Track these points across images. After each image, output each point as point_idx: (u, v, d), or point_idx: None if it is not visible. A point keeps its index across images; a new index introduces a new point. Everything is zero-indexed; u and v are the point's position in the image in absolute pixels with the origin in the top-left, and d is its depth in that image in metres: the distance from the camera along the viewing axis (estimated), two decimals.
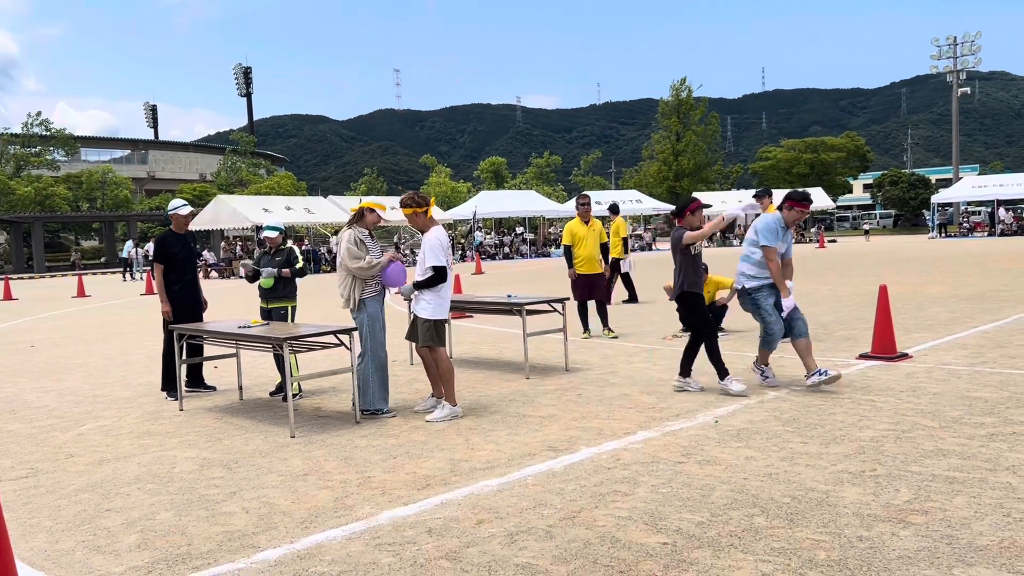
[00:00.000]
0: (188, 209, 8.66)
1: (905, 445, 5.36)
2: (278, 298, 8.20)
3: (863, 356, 8.62)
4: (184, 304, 8.41)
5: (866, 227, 56.39)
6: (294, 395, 8.06)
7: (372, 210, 7.04)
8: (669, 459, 5.29)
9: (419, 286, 6.73)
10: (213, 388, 8.65)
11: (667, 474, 4.98)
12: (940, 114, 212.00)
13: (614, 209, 15.81)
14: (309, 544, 4.13)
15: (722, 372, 7.17)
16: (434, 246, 6.71)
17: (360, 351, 6.93)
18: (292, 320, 8.28)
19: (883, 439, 5.52)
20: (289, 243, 8.37)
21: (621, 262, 15.19)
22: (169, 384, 8.27)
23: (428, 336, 6.80)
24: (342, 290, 6.93)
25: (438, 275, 6.68)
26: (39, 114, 65.03)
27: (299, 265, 8.20)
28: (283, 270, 8.12)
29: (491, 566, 3.75)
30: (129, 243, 41.51)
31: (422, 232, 6.87)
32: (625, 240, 15.18)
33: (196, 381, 8.62)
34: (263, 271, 8.10)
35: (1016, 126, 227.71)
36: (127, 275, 39.12)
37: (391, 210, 14.07)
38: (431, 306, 6.77)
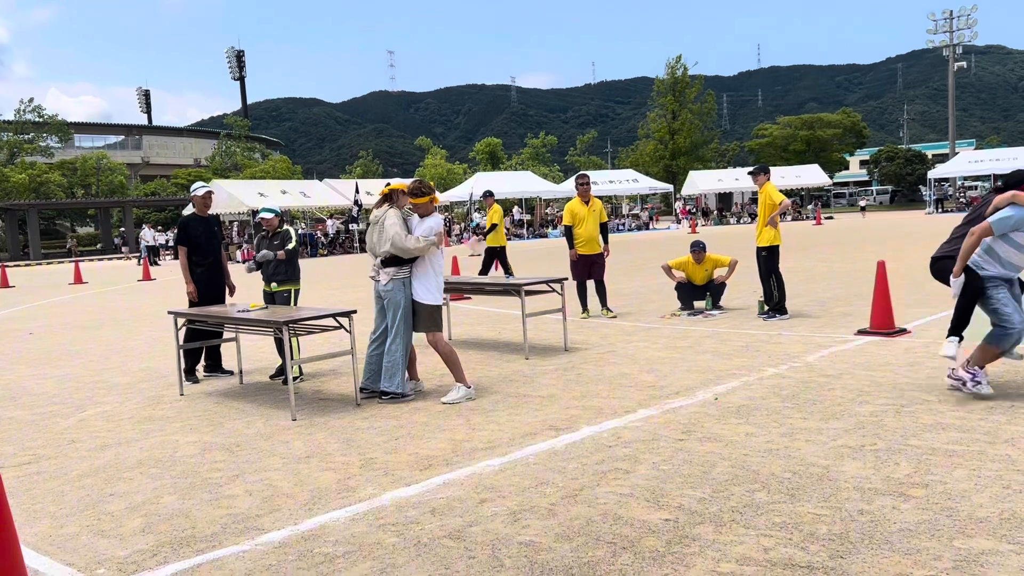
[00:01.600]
0: (204, 190, 8.65)
1: (904, 419, 5.38)
2: (281, 281, 8.19)
3: (862, 332, 8.64)
4: (205, 287, 8.43)
5: (862, 203, 56.39)
6: (295, 378, 8.09)
7: (404, 192, 6.99)
8: (669, 436, 5.31)
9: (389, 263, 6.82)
10: (231, 372, 8.63)
11: (668, 451, 5.00)
12: (936, 89, 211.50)
13: (488, 194, 15.49)
14: (313, 526, 4.15)
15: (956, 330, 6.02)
16: (430, 227, 6.81)
17: (379, 331, 6.96)
18: (295, 303, 8.29)
19: (882, 414, 5.54)
20: (286, 226, 8.35)
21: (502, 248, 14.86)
22: (189, 367, 8.35)
23: (430, 322, 6.84)
24: (378, 272, 6.87)
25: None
26: (31, 100, 64.73)
27: (291, 245, 8.19)
28: (279, 253, 8.12)
29: (494, 544, 3.77)
30: (147, 230, 41.35)
31: (422, 216, 6.90)
32: (494, 226, 14.73)
33: (215, 366, 8.61)
34: (260, 255, 8.12)
35: (1013, 100, 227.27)
36: (151, 262, 38.51)
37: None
38: (429, 292, 6.81)
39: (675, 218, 53.87)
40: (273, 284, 8.20)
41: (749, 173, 10.59)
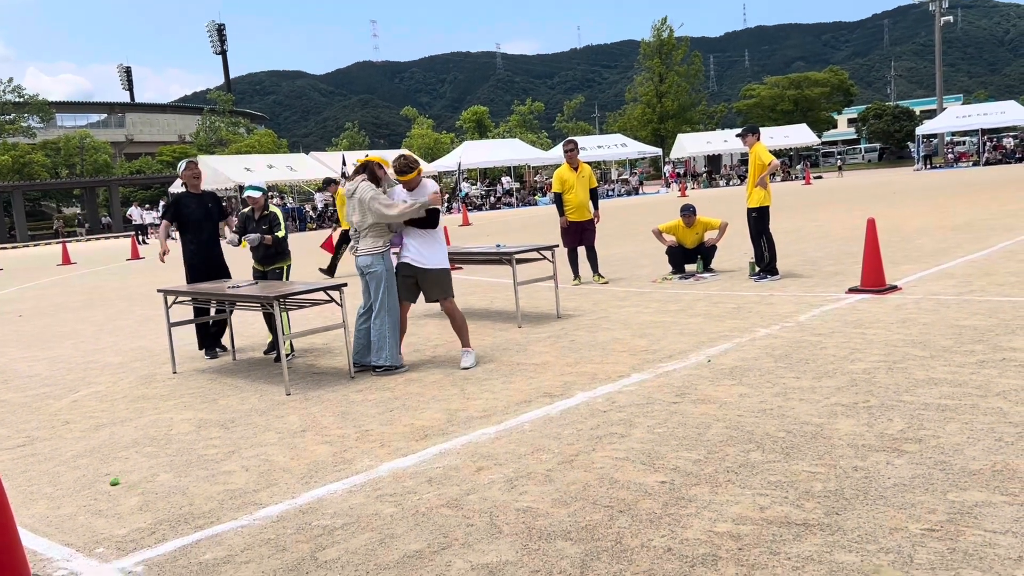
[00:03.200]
0: (184, 163, 8.51)
1: (897, 375, 5.41)
2: (272, 259, 8.14)
3: (853, 290, 8.66)
4: (200, 263, 8.35)
5: (839, 164, 56.16)
6: (287, 355, 8.08)
7: (381, 167, 6.91)
8: (663, 400, 5.33)
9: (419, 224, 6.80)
10: (225, 349, 8.59)
11: (662, 414, 5.01)
12: (923, 45, 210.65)
13: (330, 182, 14.75)
14: (311, 499, 4.16)
15: None
16: (426, 192, 6.81)
17: (366, 307, 6.93)
18: (287, 278, 8.25)
19: (875, 371, 5.57)
20: (272, 207, 8.23)
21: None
22: (206, 343, 8.33)
23: (449, 288, 6.91)
24: (359, 242, 6.82)
25: (432, 218, 6.79)
26: (11, 80, 63.91)
27: (280, 233, 8.12)
28: (266, 237, 8.04)
29: (492, 512, 3.78)
30: (135, 208, 41.07)
31: (411, 189, 6.85)
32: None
33: (215, 341, 8.54)
34: (245, 237, 8.05)
35: (999, 53, 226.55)
36: (140, 239, 38.24)
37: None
38: (440, 256, 6.88)
39: (664, 182, 53.74)
40: (265, 264, 8.15)
41: (738, 135, 10.54)
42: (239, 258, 11.74)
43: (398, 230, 6.87)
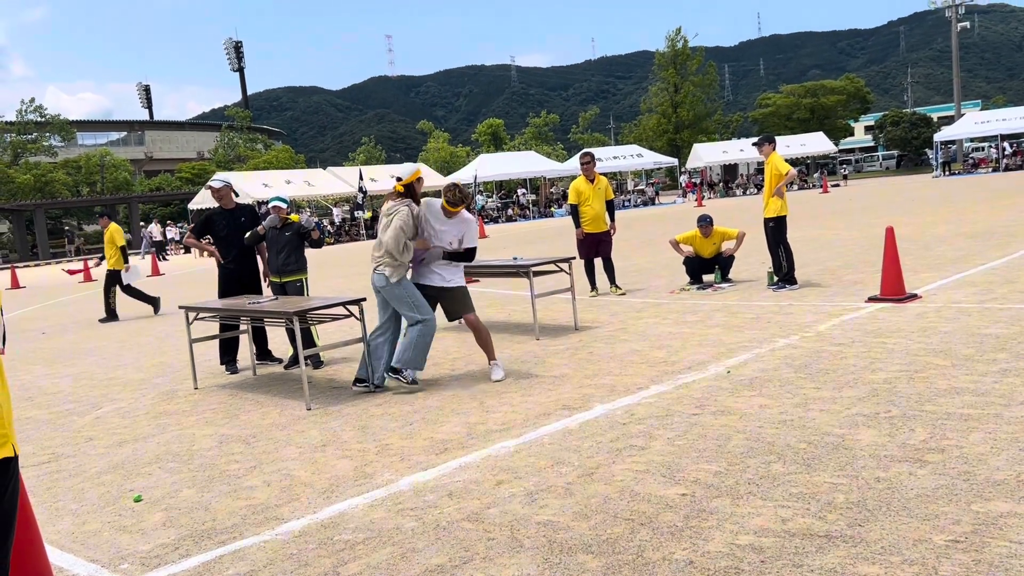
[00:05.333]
0: (220, 183, 8.64)
1: (918, 385, 5.37)
2: (291, 271, 8.21)
3: (872, 299, 8.61)
4: (239, 277, 8.45)
5: (844, 172, 55.76)
6: (319, 364, 8.16)
7: (420, 180, 6.91)
8: (683, 411, 5.32)
9: (452, 257, 6.86)
10: (280, 360, 8.63)
11: (682, 426, 5.00)
12: (940, 51, 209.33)
13: (108, 215, 14.59)
14: (332, 513, 4.18)
15: None
16: (475, 230, 6.91)
17: (380, 323, 6.87)
18: (307, 291, 8.33)
19: (896, 380, 5.53)
20: (295, 216, 8.36)
21: (121, 273, 14.10)
22: (225, 356, 8.39)
23: (468, 302, 6.95)
24: (383, 261, 6.73)
25: (469, 254, 6.90)
26: (32, 100, 64.71)
27: (317, 236, 8.30)
28: (314, 231, 8.19)
29: (513, 525, 3.79)
30: (153, 226, 41.43)
31: (451, 214, 6.90)
32: (123, 248, 14.03)
33: (264, 354, 8.62)
34: (304, 218, 8.16)
35: (1017, 59, 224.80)
36: (161, 257, 38.53)
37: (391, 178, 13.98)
38: (460, 274, 6.96)
39: (680, 192, 53.61)
40: (284, 275, 8.22)
41: (754, 144, 10.52)
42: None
43: (423, 255, 6.88)
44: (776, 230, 9.81)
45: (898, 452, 4.20)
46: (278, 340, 9.92)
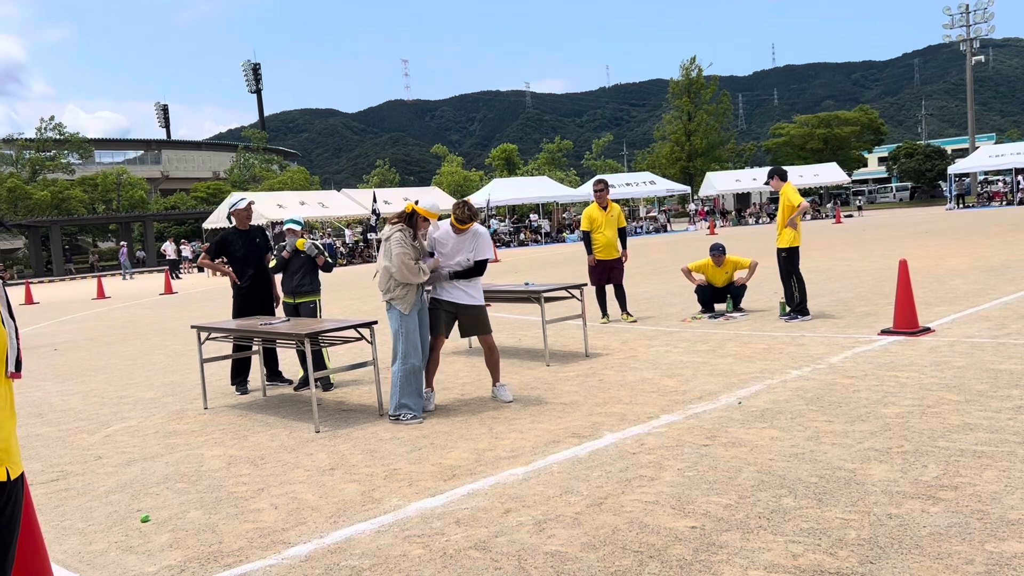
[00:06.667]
0: (245, 203, 8.72)
1: (931, 420, 5.32)
2: (304, 293, 8.24)
3: (885, 331, 8.56)
4: (253, 298, 8.48)
5: (858, 203, 55.79)
6: (330, 386, 8.17)
7: (426, 220, 6.75)
8: (694, 442, 5.28)
9: (463, 273, 6.85)
10: (289, 381, 8.63)
11: (692, 457, 4.97)
12: (954, 84, 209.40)
13: None
14: (339, 538, 4.16)
15: None
16: (489, 243, 6.94)
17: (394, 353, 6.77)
18: (320, 313, 8.35)
19: (909, 415, 5.49)
20: (303, 240, 8.38)
21: None
22: (237, 377, 8.41)
23: (487, 322, 6.99)
24: (383, 286, 6.70)
25: (480, 268, 6.91)
26: (52, 118, 65.48)
27: (322, 263, 8.30)
28: (317, 258, 8.21)
29: (520, 555, 3.76)
30: (168, 244, 41.67)
31: (461, 232, 6.91)
32: None
33: (274, 375, 8.63)
34: (307, 240, 8.16)
35: None
36: (175, 275, 38.63)
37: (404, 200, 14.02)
38: (480, 293, 7.00)
39: (689, 220, 53.60)
40: (298, 296, 8.25)
41: (766, 183, 10.56)
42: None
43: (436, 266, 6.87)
44: (788, 260, 9.80)
45: (911, 488, 4.16)
46: (287, 361, 9.94)
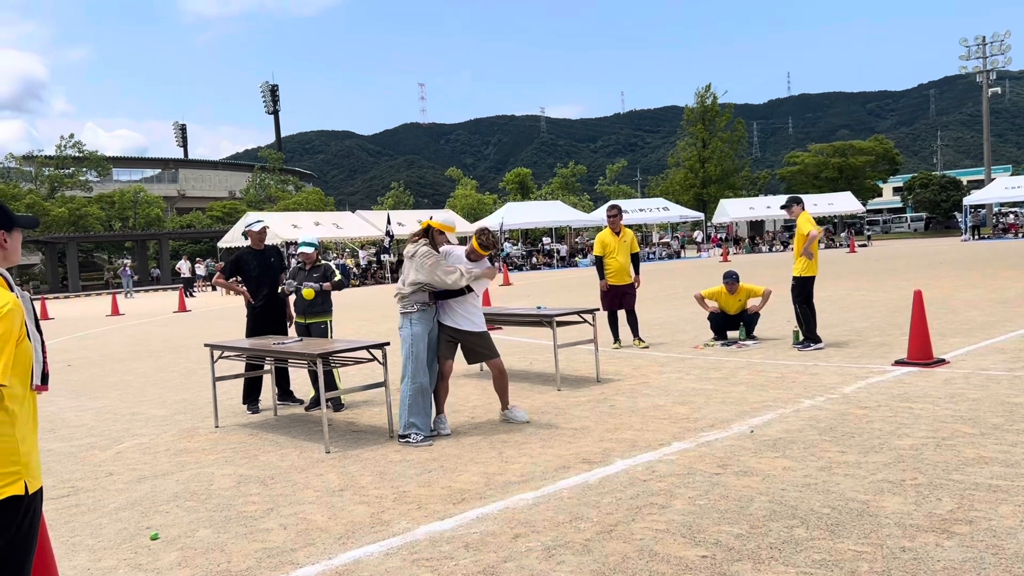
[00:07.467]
0: (260, 225, 8.79)
1: (946, 453, 5.27)
2: (316, 313, 8.27)
3: (899, 362, 8.51)
4: (267, 317, 8.52)
5: (868, 233, 55.71)
6: (341, 407, 8.18)
7: (442, 232, 6.85)
8: (705, 470, 5.25)
9: (443, 294, 6.80)
10: (301, 401, 8.64)
11: (704, 486, 4.94)
12: (970, 115, 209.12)
13: None
14: (347, 560, 4.15)
15: None
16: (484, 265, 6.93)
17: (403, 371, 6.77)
18: (331, 334, 8.36)
19: (923, 447, 5.44)
20: (322, 260, 8.45)
21: None
22: (249, 396, 8.41)
23: (491, 347, 6.97)
24: (405, 302, 6.73)
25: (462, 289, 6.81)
26: (72, 136, 66.25)
27: (337, 278, 8.31)
28: (324, 284, 8.21)
29: None
30: (183, 262, 41.91)
31: (473, 259, 6.97)
32: None
33: (285, 394, 8.64)
34: (304, 285, 8.18)
35: None
36: (189, 293, 38.75)
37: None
38: (481, 319, 6.96)
39: (697, 248, 53.50)
40: (309, 316, 8.28)
41: (782, 207, 10.56)
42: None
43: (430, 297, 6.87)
44: (800, 289, 9.79)
45: (924, 522, 4.12)
46: (298, 382, 9.95)
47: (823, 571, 3.61)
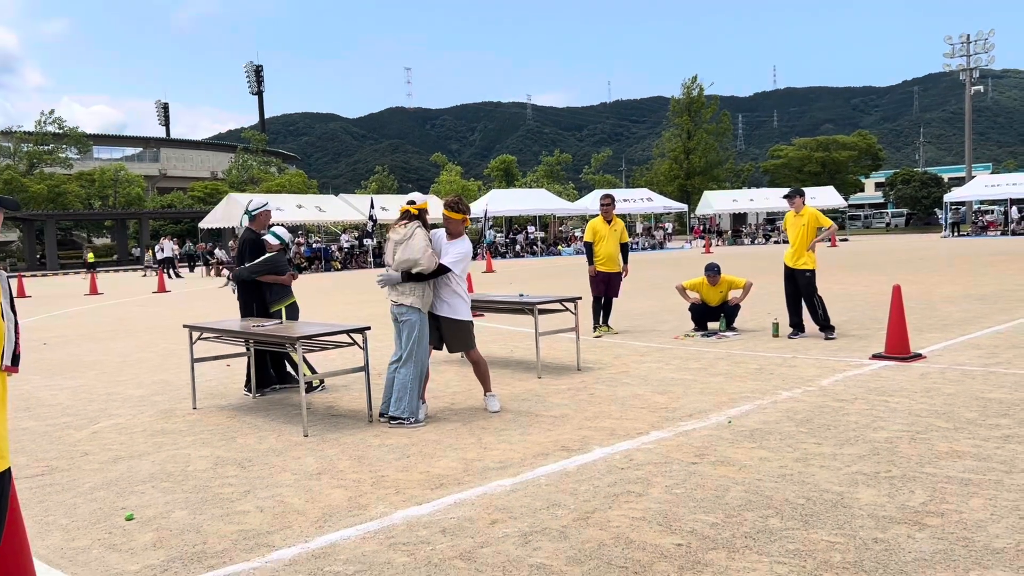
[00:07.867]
0: (263, 207, 8.74)
1: (920, 446, 5.33)
2: (272, 302, 8.31)
3: (876, 356, 8.59)
4: (260, 298, 8.47)
5: (847, 235, 56.10)
6: (317, 387, 8.16)
7: (426, 211, 6.84)
8: (682, 460, 5.28)
9: (410, 278, 6.63)
10: (287, 384, 8.60)
11: (680, 475, 4.97)
12: (953, 112, 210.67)
13: None
14: (324, 543, 4.14)
15: None
16: (462, 253, 6.74)
17: (397, 355, 6.74)
18: (285, 319, 8.29)
19: (897, 440, 5.50)
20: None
21: None
22: (257, 382, 8.33)
23: (472, 338, 6.94)
24: (405, 289, 6.65)
25: (438, 270, 6.65)
26: (52, 112, 65.34)
27: (261, 259, 8.25)
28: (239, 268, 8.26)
29: (505, 566, 3.75)
30: (165, 241, 41.47)
31: (453, 236, 6.84)
32: None
33: (283, 377, 8.57)
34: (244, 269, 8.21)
35: None
36: (171, 273, 38.13)
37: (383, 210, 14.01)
38: (465, 308, 6.88)
39: (676, 238, 53.64)
40: (272, 305, 8.29)
41: (784, 196, 10.77)
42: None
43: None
44: (811, 281, 10.09)
45: (897, 514, 4.16)
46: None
47: (796, 561, 3.65)
